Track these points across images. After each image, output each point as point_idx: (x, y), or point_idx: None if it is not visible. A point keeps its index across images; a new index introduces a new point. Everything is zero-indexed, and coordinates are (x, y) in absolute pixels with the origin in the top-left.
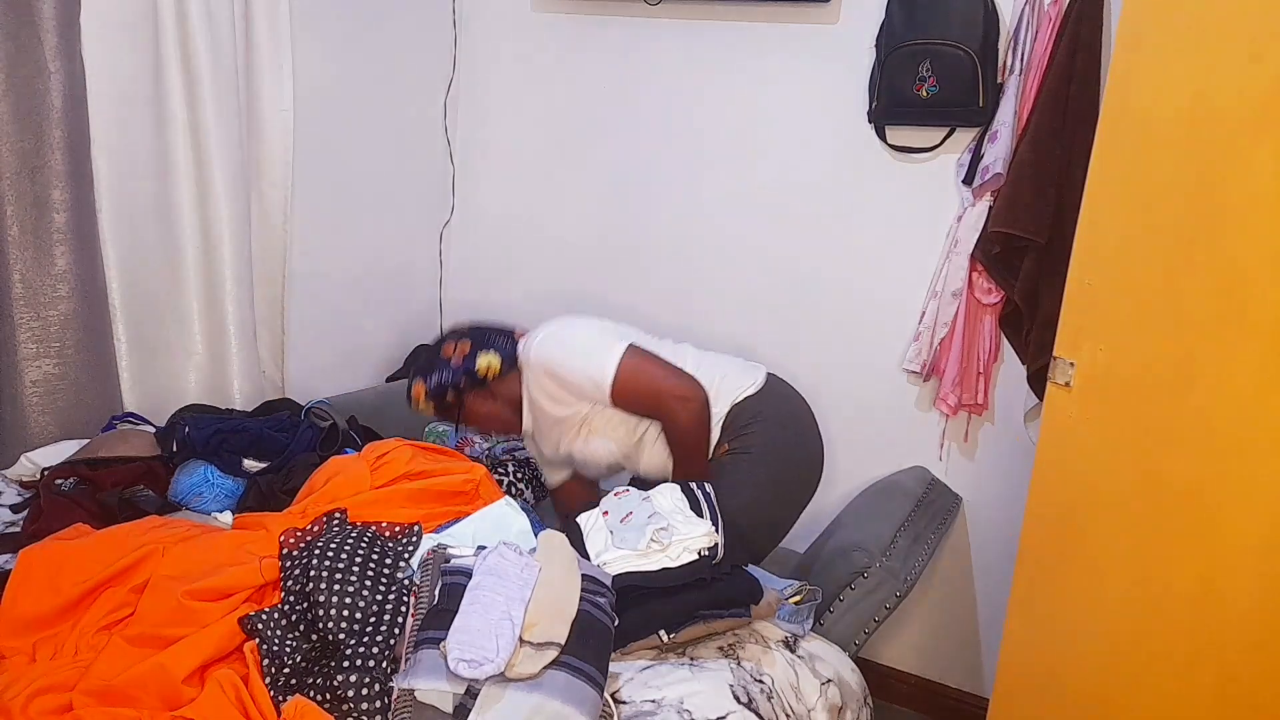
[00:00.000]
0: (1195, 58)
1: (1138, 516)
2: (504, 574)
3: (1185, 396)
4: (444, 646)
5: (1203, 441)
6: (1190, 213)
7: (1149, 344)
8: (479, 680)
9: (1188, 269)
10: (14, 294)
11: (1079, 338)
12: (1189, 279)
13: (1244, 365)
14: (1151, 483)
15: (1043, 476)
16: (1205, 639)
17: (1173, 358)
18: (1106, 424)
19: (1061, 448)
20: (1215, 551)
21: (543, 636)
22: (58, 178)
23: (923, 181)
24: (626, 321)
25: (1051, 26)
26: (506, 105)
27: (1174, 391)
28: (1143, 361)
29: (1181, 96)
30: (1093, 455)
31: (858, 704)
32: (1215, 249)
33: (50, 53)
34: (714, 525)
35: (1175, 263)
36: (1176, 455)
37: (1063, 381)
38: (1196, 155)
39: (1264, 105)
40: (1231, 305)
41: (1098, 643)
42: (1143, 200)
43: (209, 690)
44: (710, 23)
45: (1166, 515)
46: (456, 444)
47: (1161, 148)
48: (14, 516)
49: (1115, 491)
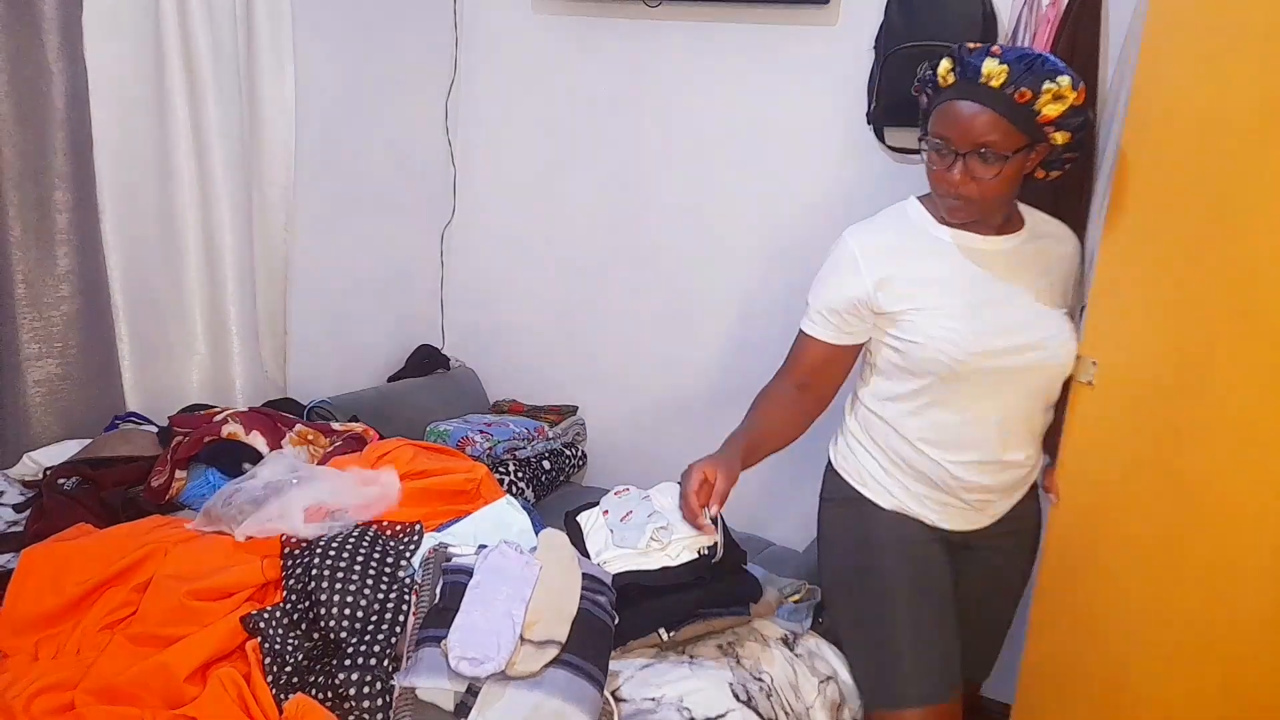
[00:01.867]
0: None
1: (1159, 515)
2: (505, 573)
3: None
4: (445, 645)
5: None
6: (1209, 214)
7: (1169, 343)
8: (480, 679)
9: (1206, 269)
10: (17, 294)
11: (1101, 336)
12: (1208, 279)
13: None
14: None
15: (1067, 474)
16: (1225, 635)
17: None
18: (1126, 422)
19: (1085, 446)
20: (1236, 548)
21: (543, 635)
22: (60, 179)
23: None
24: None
25: (1049, 29)
26: (507, 106)
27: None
28: (1160, 361)
29: (1201, 99)
30: (1115, 453)
31: (857, 702)
32: (1233, 249)
33: (52, 54)
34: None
35: (1194, 263)
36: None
37: (1085, 380)
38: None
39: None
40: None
41: (1122, 642)
42: (1164, 202)
43: (211, 689)
44: (710, 24)
45: (1187, 513)
46: (457, 444)
47: (1182, 151)
48: (16, 516)
49: (1137, 490)
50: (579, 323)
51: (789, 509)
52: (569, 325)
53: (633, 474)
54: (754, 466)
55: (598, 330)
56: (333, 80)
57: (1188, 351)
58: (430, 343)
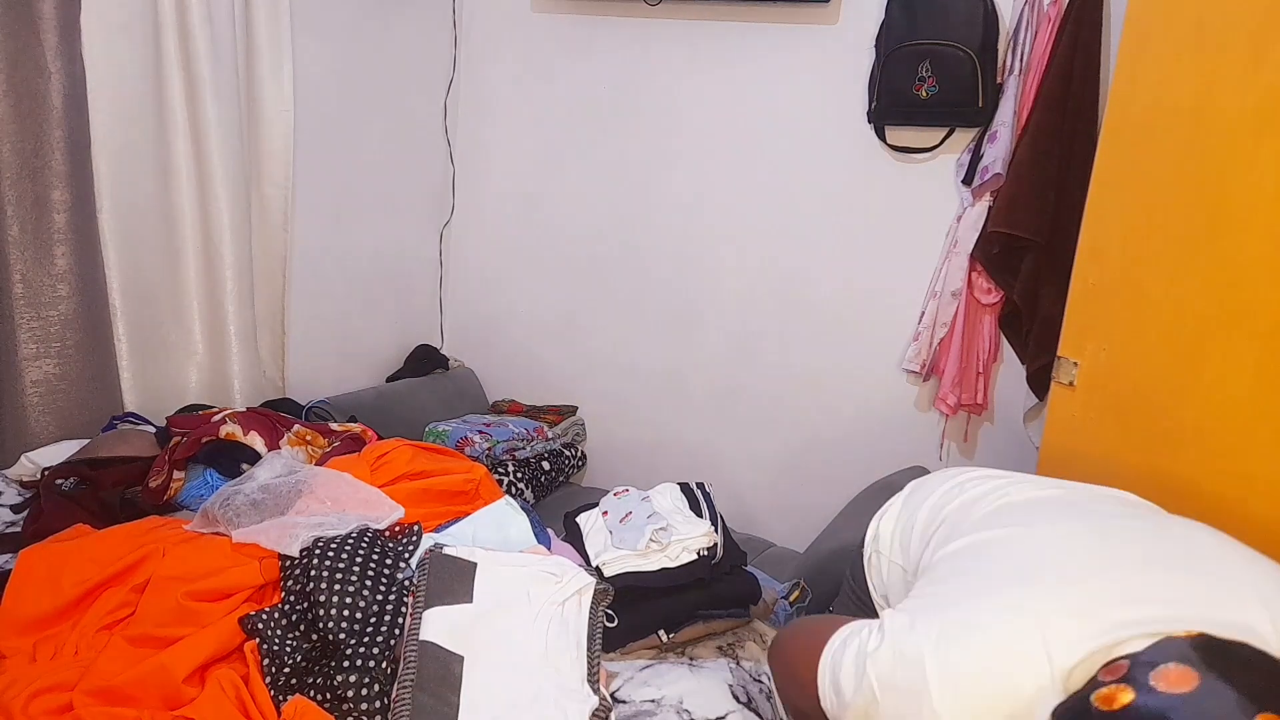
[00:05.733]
0: (1198, 58)
1: None
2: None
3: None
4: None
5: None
6: (1193, 212)
7: (1152, 343)
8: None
9: (1190, 268)
10: (14, 294)
11: (1082, 337)
12: (1191, 278)
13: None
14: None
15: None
16: None
17: (1175, 357)
18: (1109, 423)
19: (1065, 447)
20: None
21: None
22: (58, 178)
23: (922, 182)
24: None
25: (1051, 27)
26: (506, 105)
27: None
28: (1145, 361)
29: (1184, 96)
30: (1096, 454)
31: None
32: (1217, 248)
33: (50, 53)
34: (713, 525)
35: (1178, 262)
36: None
37: (1066, 381)
38: (1199, 155)
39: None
40: (1234, 305)
41: None
42: (1146, 200)
43: (209, 690)
44: (710, 23)
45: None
46: (456, 444)
47: (1165, 147)
48: (14, 516)
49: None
50: (579, 323)
51: (789, 510)
52: (569, 325)
53: (633, 474)
54: (755, 470)
55: (598, 330)
56: (332, 79)
57: (1176, 351)
58: (429, 342)
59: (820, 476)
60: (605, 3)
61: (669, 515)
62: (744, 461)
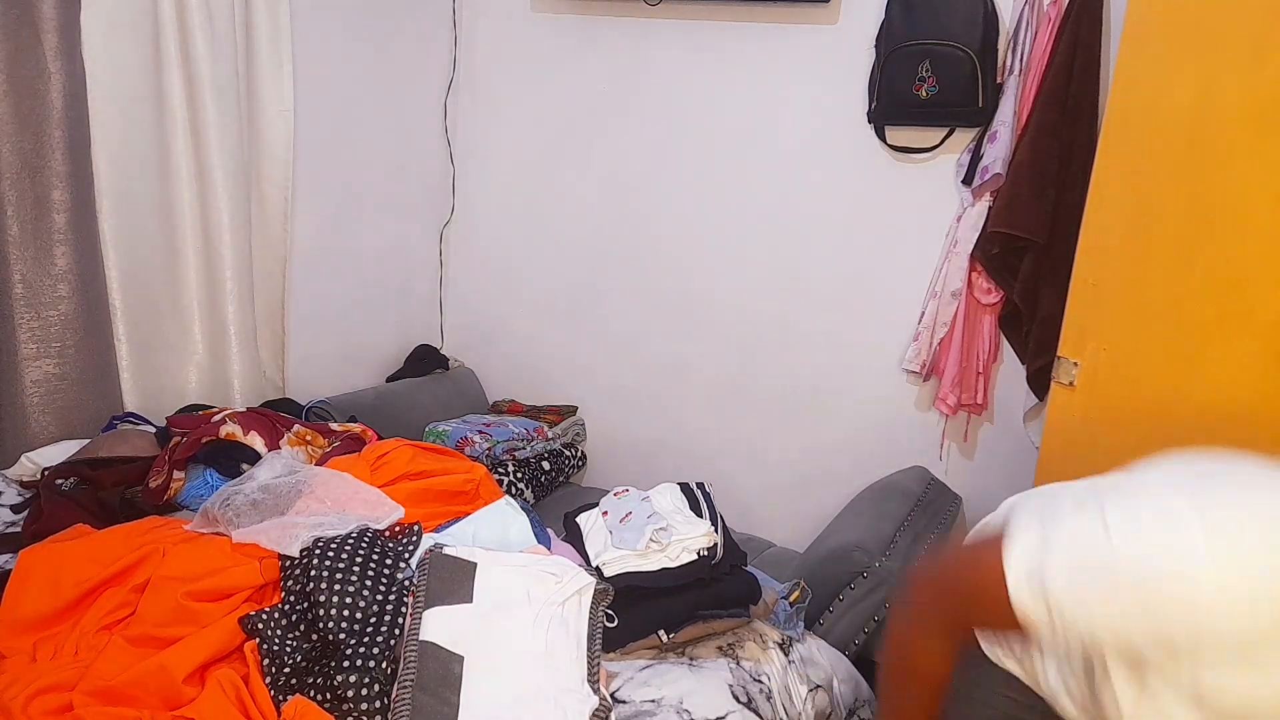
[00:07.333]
0: (1199, 58)
1: None
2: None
3: (1187, 395)
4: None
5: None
6: (1193, 212)
7: (1152, 343)
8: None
9: (1190, 268)
10: (14, 294)
11: (1083, 337)
12: (1191, 278)
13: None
14: None
15: (1047, 476)
16: None
17: (1175, 357)
18: (1109, 423)
19: (1065, 447)
20: None
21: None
22: (58, 178)
23: (922, 182)
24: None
25: (1051, 27)
26: (506, 105)
27: (1176, 390)
28: (1145, 361)
29: (1185, 96)
30: (1095, 454)
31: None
32: (1217, 248)
33: (50, 53)
34: (713, 525)
35: (1178, 262)
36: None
37: (1066, 381)
38: (1199, 155)
39: (1266, 106)
40: (1234, 304)
41: None
42: (1146, 200)
43: (209, 690)
44: (710, 23)
45: None
46: (456, 444)
47: (1165, 147)
48: (14, 517)
49: None
50: (579, 322)
51: (789, 510)
52: (569, 325)
53: (633, 474)
54: (755, 469)
55: (598, 330)
56: (332, 79)
57: (1176, 352)
58: (429, 342)
59: (820, 476)
60: (605, 2)
61: (669, 515)
62: (744, 461)
